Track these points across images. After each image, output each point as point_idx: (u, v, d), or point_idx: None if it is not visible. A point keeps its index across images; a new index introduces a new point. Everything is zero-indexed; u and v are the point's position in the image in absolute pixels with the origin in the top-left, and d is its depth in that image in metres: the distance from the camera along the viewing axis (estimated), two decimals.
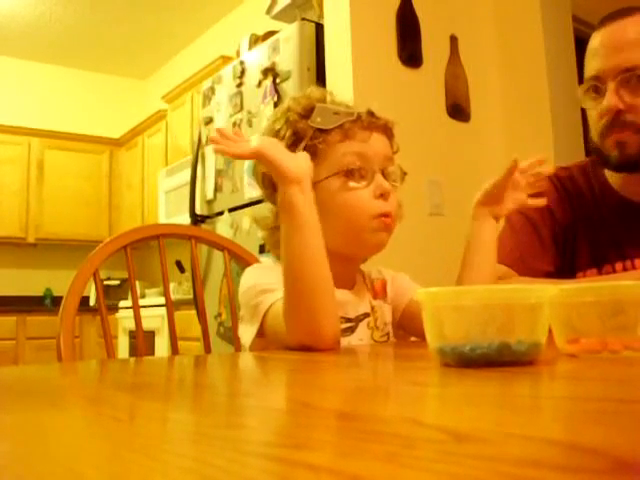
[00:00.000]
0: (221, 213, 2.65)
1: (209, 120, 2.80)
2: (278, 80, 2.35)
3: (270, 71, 2.38)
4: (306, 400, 0.44)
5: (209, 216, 2.76)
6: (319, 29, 2.30)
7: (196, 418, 0.39)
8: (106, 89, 5.31)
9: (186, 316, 2.82)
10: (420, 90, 2.24)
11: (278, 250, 0.93)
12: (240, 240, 1.78)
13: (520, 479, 0.21)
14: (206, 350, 1.18)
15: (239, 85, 2.61)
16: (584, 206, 1.19)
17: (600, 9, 1.15)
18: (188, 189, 2.86)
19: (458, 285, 1.00)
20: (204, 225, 2.73)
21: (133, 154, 4.76)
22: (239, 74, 2.60)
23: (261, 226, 1.01)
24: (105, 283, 4.18)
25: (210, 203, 2.76)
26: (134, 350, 3.55)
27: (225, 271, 1.24)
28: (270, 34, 2.66)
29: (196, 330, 1.64)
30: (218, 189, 2.70)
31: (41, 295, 4.75)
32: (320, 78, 2.24)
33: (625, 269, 1.12)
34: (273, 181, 0.87)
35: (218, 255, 2.42)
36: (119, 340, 3.78)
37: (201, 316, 1.22)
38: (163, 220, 3.87)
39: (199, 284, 1.28)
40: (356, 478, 0.22)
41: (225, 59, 3.45)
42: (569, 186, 1.21)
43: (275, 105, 2.29)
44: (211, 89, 2.82)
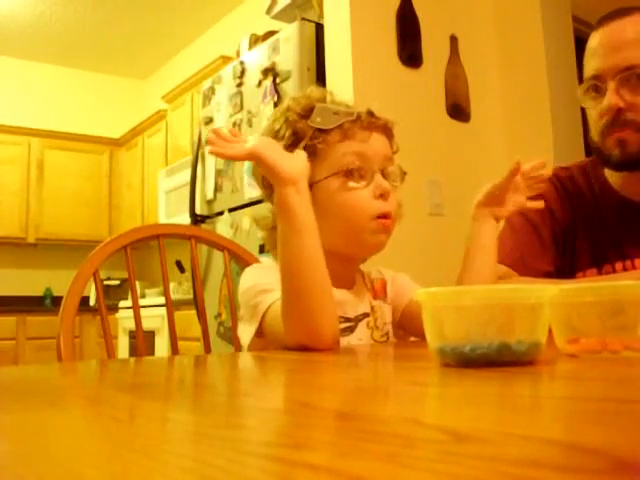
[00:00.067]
0: (221, 213, 2.65)
1: (209, 120, 2.80)
2: (278, 80, 2.35)
3: (270, 71, 2.38)
4: (306, 400, 0.44)
5: (209, 216, 2.76)
6: (319, 29, 2.30)
7: (196, 418, 0.39)
8: (106, 89, 5.31)
9: (186, 316, 2.82)
10: (420, 90, 2.24)
11: (277, 249, 0.93)
12: (240, 240, 1.78)
13: (520, 479, 0.21)
14: (206, 350, 1.18)
15: (239, 85, 2.61)
16: (584, 206, 1.19)
17: (600, 9, 1.15)
18: (188, 189, 2.86)
19: (458, 285, 1.00)
20: (204, 225, 2.73)
21: (133, 154, 4.76)
22: (239, 74, 2.60)
23: (261, 226, 1.01)
24: (105, 283, 4.18)
25: (210, 203, 2.76)
26: (134, 350, 3.55)
27: (225, 271, 1.24)
28: (270, 34, 2.66)
29: (196, 330, 1.64)
30: (218, 189, 2.70)
31: (41, 295, 4.75)
32: (320, 78, 2.24)
33: (625, 269, 1.12)
34: None
35: (218, 255, 2.42)
36: (119, 340, 3.78)
37: (201, 316, 1.22)
38: (163, 220, 3.87)
39: (199, 284, 1.28)
40: (356, 478, 0.22)
41: (225, 59, 3.45)
42: (569, 186, 1.21)
43: (275, 105, 2.29)
44: (211, 89, 2.82)
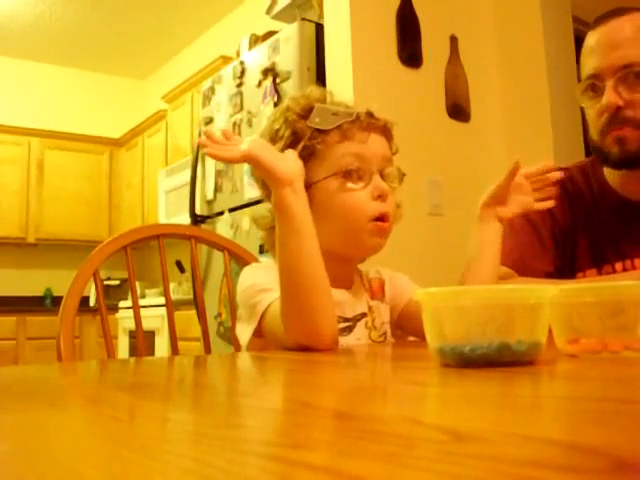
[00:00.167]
0: (221, 213, 2.65)
1: (209, 120, 2.80)
2: (278, 80, 2.35)
3: (270, 71, 2.38)
4: (305, 400, 0.44)
5: (209, 216, 2.76)
6: (319, 29, 2.30)
7: (196, 418, 0.39)
8: (106, 89, 5.31)
9: (186, 316, 2.82)
10: (420, 90, 2.23)
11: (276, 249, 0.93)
12: (240, 240, 1.79)
13: (520, 479, 0.21)
14: (206, 350, 1.18)
15: (239, 85, 2.61)
16: (584, 206, 1.19)
17: (600, 9, 1.15)
18: (188, 189, 2.86)
19: (462, 285, 1.00)
20: (204, 225, 2.73)
21: (133, 154, 4.76)
22: (239, 74, 2.60)
23: (259, 226, 1.01)
24: (105, 283, 4.17)
25: (210, 203, 2.76)
26: (134, 350, 3.55)
27: (225, 271, 1.24)
28: (270, 34, 2.66)
29: (196, 330, 1.64)
30: (218, 189, 2.70)
31: (41, 295, 4.75)
32: (320, 78, 2.24)
33: (625, 269, 1.12)
34: None
35: (218, 255, 2.41)
36: (119, 340, 3.78)
37: (201, 316, 1.22)
38: (163, 220, 3.87)
39: (199, 284, 1.28)
40: (355, 478, 0.22)
41: (225, 59, 3.45)
42: (569, 186, 1.21)
43: (275, 105, 2.29)
44: (211, 89, 2.82)
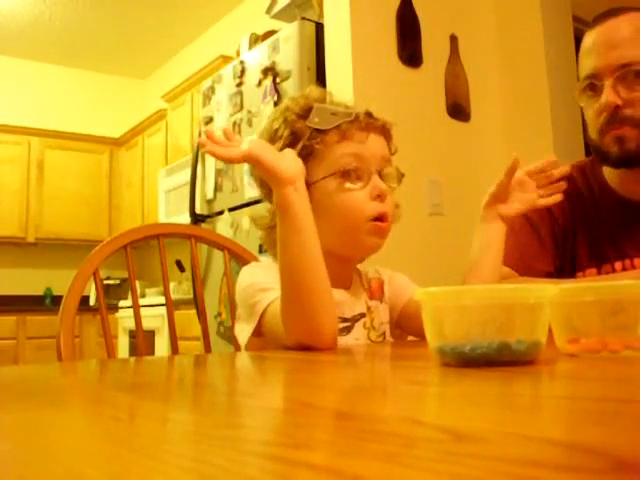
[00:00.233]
0: (221, 213, 2.65)
1: (209, 120, 2.80)
2: (278, 80, 2.35)
3: (270, 71, 2.38)
4: (305, 400, 0.44)
5: (209, 216, 2.76)
6: (319, 29, 2.30)
7: (196, 418, 0.39)
8: (106, 89, 5.31)
9: (186, 316, 2.82)
10: (420, 90, 2.23)
11: (275, 249, 0.93)
12: (240, 240, 1.78)
13: (520, 479, 0.21)
14: (206, 350, 1.18)
15: (239, 85, 2.61)
16: (583, 206, 1.19)
17: (600, 9, 1.15)
18: (188, 189, 2.86)
19: (464, 285, 1.00)
20: (204, 225, 2.73)
21: (133, 154, 4.76)
22: (239, 74, 2.60)
23: (258, 226, 1.01)
24: (105, 283, 4.18)
25: (210, 203, 2.76)
26: (134, 350, 3.55)
27: (225, 271, 1.24)
28: (270, 34, 2.66)
29: (196, 330, 1.64)
30: (218, 189, 2.70)
31: (41, 295, 4.75)
32: (320, 78, 2.24)
33: (624, 268, 1.12)
34: None
35: (218, 255, 2.42)
36: (119, 340, 3.78)
37: (201, 316, 1.22)
38: (163, 220, 3.87)
39: (199, 284, 1.28)
40: (356, 478, 0.22)
41: (225, 59, 3.45)
42: (568, 186, 1.21)
43: (275, 105, 2.29)
44: (211, 89, 2.82)
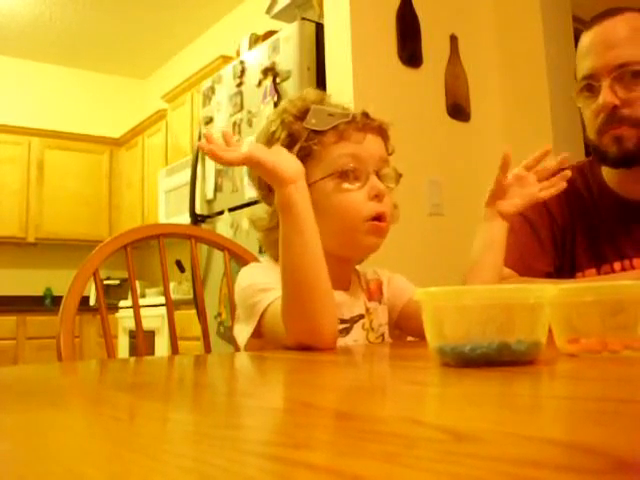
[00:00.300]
0: (221, 213, 2.65)
1: (209, 120, 2.80)
2: (278, 80, 2.35)
3: (270, 71, 2.38)
4: (305, 400, 0.44)
5: (209, 216, 2.76)
6: (319, 29, 2.30)
7: (196, 418, 0.39)
8: (106, 89, 5.31)
9: (186, 316, 2.82)
10: (420, 90, 2.23)
11: (273, 250, 0.93)
12: (240, 240, 1.78)
13: (520, 479, 0.21)
14: (206, 350, 1.18)
15: (239, 85, 2.61)
16: (582, 206, 1.19)
17: (600, 9, 1.15)
18: (188, 189, 2.86)
19: (464, 283, 1.00)
20: (204, 225, 2.73)
21: (133, 154, 4.76)
22: (239, 74, 2.60)
23: (257, 227, 1.01)
24: (105, 283, 4.18)
25: (210, 203, 2.76)
26: (134, 350, 3.55)
27: (225, 271, 1.24)
28: (270, 34, 2.66)
29: (196, 330, 1.64)
30: (218, 189, 2.70)
31: (41, 295, 4.75)
32: (320, 78, 2.24)
33: (624, 269, 1.12)
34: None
35: (218, 255, 2.42)
36: (119, 340, 3.78)
37: (201, 316, 1.22)
38: (163, 220, 3.87)
39: (199, 284, 1.28)
40: (355, 478, 0.22)
41: (225, 59, 3.45)
42: (567, 187, 1.21)
43: (275, 105, 2.29)
44: (211, 89, 2.82)
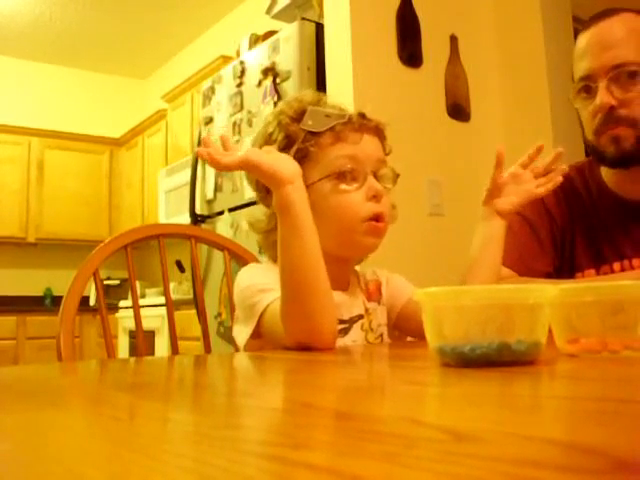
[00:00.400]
0: (221, 213, 2.65)
1: (209, 120, 2.80)
2: (278, 80, 2.35)
3: (270, 71, 2.38)
4: (305, 400, 0.44)
5: (209, 216, 2.76)
6: (319, 29, 2.30)
7: (196, 418, 0.39)
8: (106, 89, 5.31)
9: (186, 316, 2.82)
10: (420, 90, 2.23)
11: (272, 252, 0.93)
12: (240, 240, 1.78)
13: (520, 479, 0.21)
14: (206, 350, 1.18)
15: (239, 85, 2.61)
16: (581, 207, 1.19)
17: (600, 9, 1.15)
18: (188, 189, 2.86)
19: (463, 283, 1.00)
20: (204, 225, 2.73)
21: (133, 154, 4.76)
22: (239, 74, 2.60)
23: (255, 229, 1.01)
24: (105, 283, 4.17)
25: (210, 203, 2.76)
26: (134, 350, 3.55)
27: (225, 271, 1.24)
28: (270, 34, 2.66)
29: (196, 330, 1.64)
30: (218, 189, 2.70)
31: (41, 295, 4.75)
32: (320, 78, 2.24)
33: (623, 269, 1.12)
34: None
35: (218, 255, 2.42)
36: (119, 340, 3.78)
37: (201, 316, 1.22)
38: (163, 220, 3.87)
39: (199, 284, 1.28)
40: (355, 478, 0.22)
41: (225, 59, 3.45)
42: (566, 187, 1.21)
43: (275, 105, 2.29)
44: (211, 89, 2.82)
